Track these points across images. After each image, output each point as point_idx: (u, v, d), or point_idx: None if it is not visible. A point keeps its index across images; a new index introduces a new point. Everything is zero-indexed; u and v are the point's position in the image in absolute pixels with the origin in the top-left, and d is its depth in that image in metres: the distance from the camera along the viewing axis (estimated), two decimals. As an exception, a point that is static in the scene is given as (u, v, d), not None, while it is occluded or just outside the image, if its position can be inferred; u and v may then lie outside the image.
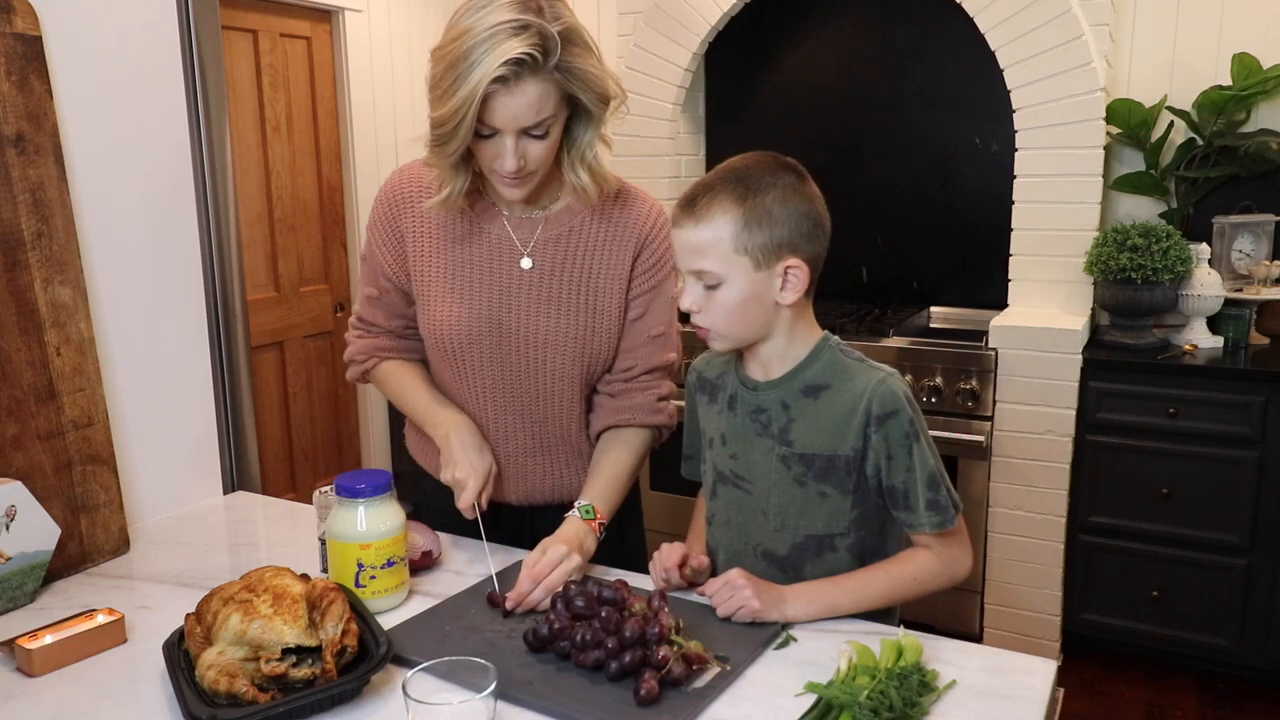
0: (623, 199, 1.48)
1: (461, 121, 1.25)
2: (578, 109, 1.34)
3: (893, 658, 1.08)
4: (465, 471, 1.38)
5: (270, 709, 0.97)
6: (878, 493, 1.27)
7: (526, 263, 1.44)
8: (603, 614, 1.09)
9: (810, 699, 1.03)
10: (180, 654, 1.08)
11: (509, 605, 1.23)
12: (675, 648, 1.06)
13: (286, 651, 1.03)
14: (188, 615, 1.12)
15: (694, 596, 1.28)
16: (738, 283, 1.21)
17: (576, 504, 1.39)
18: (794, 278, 1.22)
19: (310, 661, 1.04)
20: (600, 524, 1.39)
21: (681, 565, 1.30)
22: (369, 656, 1.05)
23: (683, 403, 1.46)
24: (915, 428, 1.24)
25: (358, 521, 1.23)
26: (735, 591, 1.20)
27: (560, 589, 1.19)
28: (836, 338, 1.31)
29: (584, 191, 1.40)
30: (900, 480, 1.24)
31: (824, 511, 1.27)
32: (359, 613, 1.12)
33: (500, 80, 1.23)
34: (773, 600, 1.20)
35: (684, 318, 1.32)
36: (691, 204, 1.22)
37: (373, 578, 1.23)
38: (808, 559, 1.29)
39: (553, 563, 1.27)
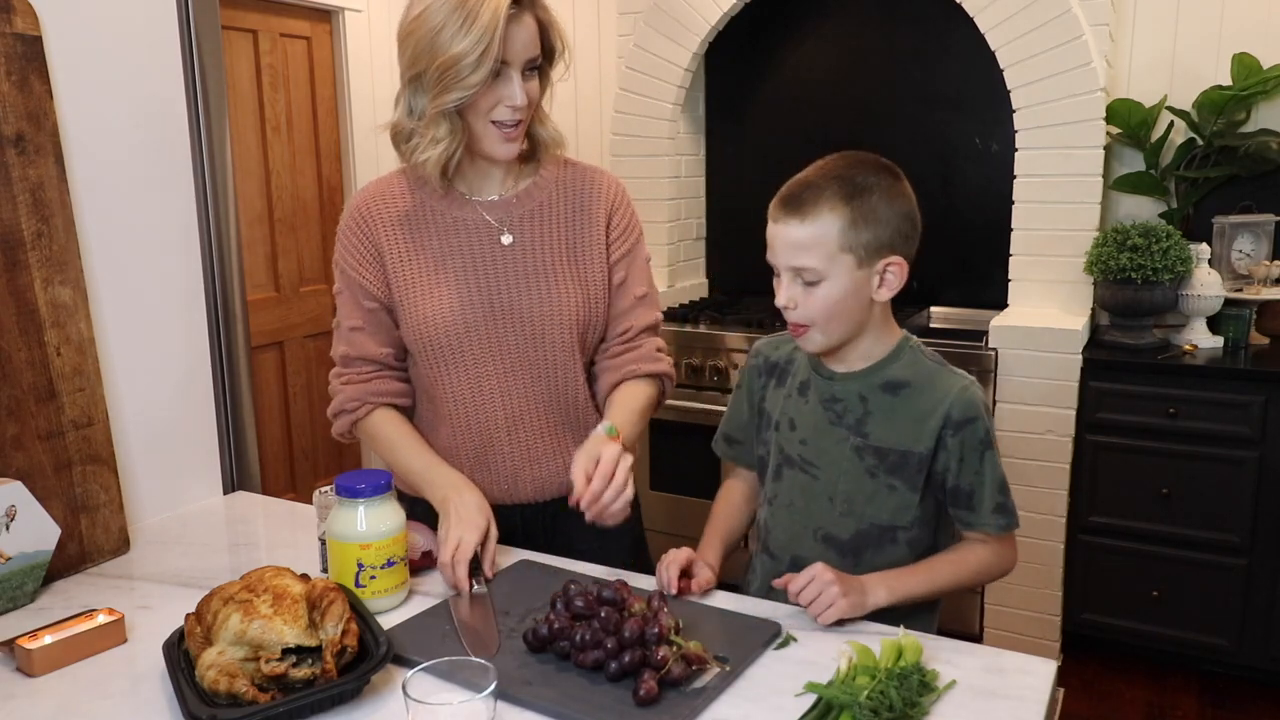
0: (579, 172, 1.52)
1: (487, 49, 1.29)
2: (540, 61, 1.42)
3: (893, 658, 1.08)
4: (459, 529, 1.31)
5: (270, 709, 0.97)
6: (941, 490, 1.31)
7: (507, 239, 1.45)
8: (602, 614, 1.09)
9: (810, 699, 1.03)
10: (180, 654, 1.08)
11: (583, 504, 1.25)
12: (675, 648, 1.06)
13: (286, 651, 1.03)
14: (188, 615, 1.12)
15: (693, 596, 1.28)
16: (839, 280, 1.24)
17: (600, 426, 1.38)
18: (892, 276, 1.27)
19: (310, 661, 1.04)
20: (626, 446, 1.37)
21: (684, 576, 1.29)
22: (369, 656, 1.05)
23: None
24: (990, 436, 1.29)
25: (358, 521, 1.23)
26: (824, 588, 1.19)
27: (561, 589, 1.19)
28: (916, 338, 1.35)
29: (550, 143, 1.47)
30: (968, 483, 1.28)
31: (891, 504, 1.31)
32: (359, 613, 1.12)
33: (515, 4, 1.30)
34: (856, 592, 1.20)
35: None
36: (797, 201, 1.23)
37: (373, 578, 1.23)
38: (869, 547, 1.32)
39: (611, 460, 1.27)
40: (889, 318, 1.32)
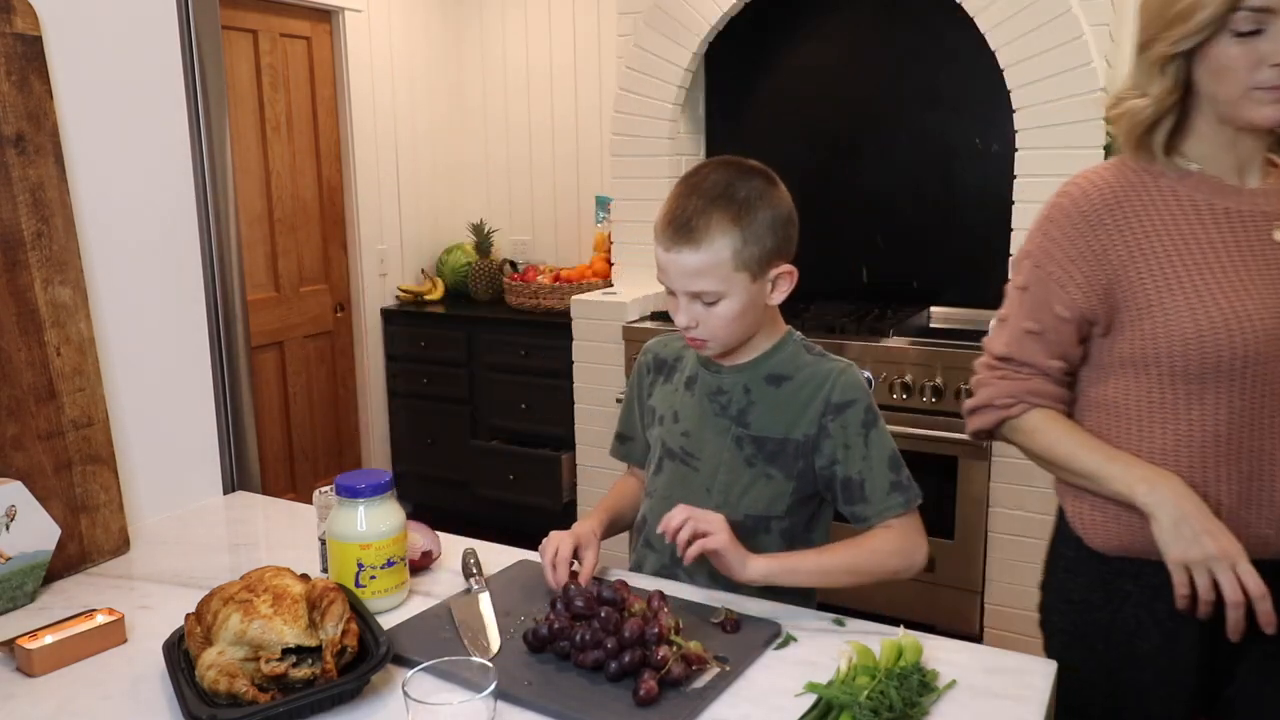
0: None
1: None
2: None
3: (893, 658, 1.08)
4: (1227, 545, 1.11)
5: (270, 709, 0.97)
6: (826, 485, 1.31)
7: (1278, 234, 1.22)
8: (602, 614, 1.09)
9: (810, 699, 1.03)
10: (180, 654, 1.08)
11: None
12: (675, 648, 1.06)
13: (286, 651, 1.04)
14: (188, 615, 1.12)
15: (693, 597, 1.28)
16: (736, 296, 1.25)
17: None
18: (784, 282, 1.29)
19: (310, 661, 1.04)
20: None
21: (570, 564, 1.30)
22: (369, 656, 1.05)
23: None
24: (872, 415, 1.29)
25: (358, 521, 1.23)
26: (704, 520, 1.19)
27: (560, 589, 1.19)
28: (800, 334, 1.37)
29: None
30: (857, 470, 1.28)
31: (767, 493, 1.32)
32: (359, 613, 1.12)
33: None
34: (744, 552, 1.21)
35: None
36: (688, 229, 1.22)
37: (373, 578, 1.23)
38: (743, 538, 1.30)
39: None
40: (777, 314, 1.35)
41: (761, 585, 1.23)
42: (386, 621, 1.20)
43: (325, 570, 1.32)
